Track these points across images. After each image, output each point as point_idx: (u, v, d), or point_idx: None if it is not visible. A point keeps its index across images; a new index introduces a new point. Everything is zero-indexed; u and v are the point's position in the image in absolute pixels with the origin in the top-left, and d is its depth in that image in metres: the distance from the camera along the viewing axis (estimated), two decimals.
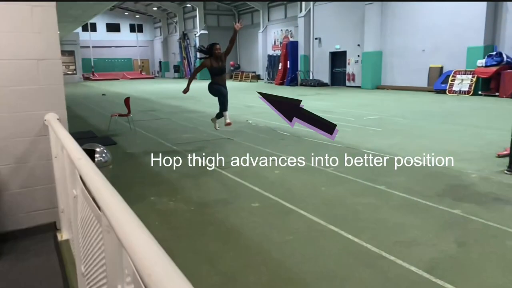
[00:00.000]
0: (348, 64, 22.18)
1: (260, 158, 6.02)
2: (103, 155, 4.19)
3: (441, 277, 2.66)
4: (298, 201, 4.19)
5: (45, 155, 3.32)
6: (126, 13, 44.01)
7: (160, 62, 46.52)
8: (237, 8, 36.30)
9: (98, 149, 4.20)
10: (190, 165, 5.88)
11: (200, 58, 7.63)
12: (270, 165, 5.72)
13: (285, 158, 6.05)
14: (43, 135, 3.31)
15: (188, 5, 37.15)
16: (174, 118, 11.01)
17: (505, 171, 5.01)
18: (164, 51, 45.25)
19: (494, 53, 14.89)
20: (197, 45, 35.88)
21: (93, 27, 42.37)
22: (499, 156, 5.66)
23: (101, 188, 1.25)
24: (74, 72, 38.92)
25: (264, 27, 31.17)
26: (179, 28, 40.43)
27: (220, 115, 6.73)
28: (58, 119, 3.20)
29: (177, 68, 41.72)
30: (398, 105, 13.16)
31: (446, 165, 5.49)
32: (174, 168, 5.67)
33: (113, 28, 44.55)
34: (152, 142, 7.69)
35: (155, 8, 42.06)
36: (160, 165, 5.89)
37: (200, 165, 5.84)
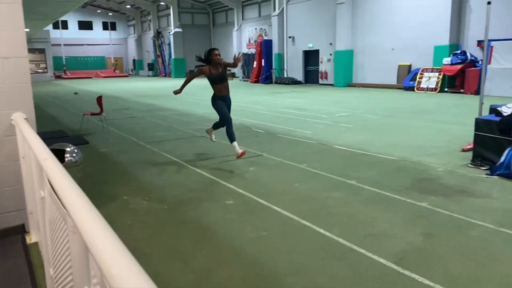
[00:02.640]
0: (321, 62, 22.47)
1: (235, 156, 6.04)
2: (74, 154, 4.13)
3: (409, 268, 2.76)
4: (272, 198, 4.25)
5: (13, 156, 3.24)
6: (98, 11, 43.03)
7: (134, 60, 45.74)
8: (211, 7, 36.12)
9: (68, 149, 4.13)
10: (164, 163, 5.84)
11: (197, 66, 7.54)
12: (245, 162, 5.76)
13: (260, 155, 6.10)
14: (10, 135, 3.23)
15: (162, 3, 36.68)
16: (148, 117, 10.88)
17: (469, 164, 5.23)
18: (138, 49, 44.52)
19: (459, 51, 15.42)
20: (171, 43, 35.51)
21: (65, 25, 41.23)
22: (464, 150, 5.90)
23: (66, 189, 1.25)
24: (45, 70, 37.77)
25: (238, 26, 31.14)
26: (153, 26, 39.88)
27: (217, 125, 5.97)
28: (25, 118, 3.13)
29: (151, 66, 41.15)
30: (369, 102, 13.44)
31: (414, 159, 5.67)
32: (148, 167, 5.63)
33: (85, 25, 43.49)
34: (125, 141, 7.58)
35: (128, 6, 41.31)
36: (134, 164, 5.83)
37: (174, 163, 5.81)
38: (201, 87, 23.17)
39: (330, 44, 21.42)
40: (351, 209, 3.93)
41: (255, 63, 25.90)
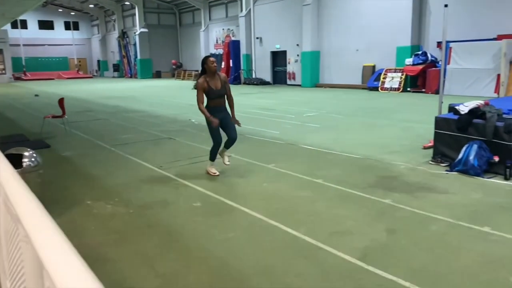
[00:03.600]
0: (289, 63, 22.69)
1: (203, 157, 6.00)
2: (32, 159, 3.97)
3: (373, 264, 2.83)
4: (240, 198, 4.25)
5: None
6: (60, 10, 41.57)
7: (98, 61, 44.52)
8: (178, 7, 35.70)
9: (26, 153, 3.97)
10: (129, 166, 5.72)
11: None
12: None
13: (228, 156, 6.07)
14: None
15: (127, 3, 35.88)
16: (113, 119, 10.61)
17: (430, 161, 5.43)
18: (103, 50, 43.37)
19: (420, 52, 15.98)
20: (137, 43, 34.82)
21: (24, 24, 39.58)
22: (425, 148, 6.11)
23: (18, 195, 1.19)
24: (3, 72, 36.06)
25: (205, 26, 30.95)
26: (118, 26, 38.95)
27: (213, 154, 5.18)
28: None
29: (116, 67, 40.18)
30: (335, 102, 13.69)
31: (378, 157, 5.83)
32: (112, 170, 5.50)
33: (46, 25, 41.93)
34: (89, 144, 7.36)
35: (91, 6, 40.16)
36: (98, 167, 5.68)
37: (140, 166, 5.70)
38: (168, 88, 22.92)
39: (297, 45, 21.66)
40: (318, 207, 3.98)
41: (223, 63, 25.82)
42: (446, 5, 6.59)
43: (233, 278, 2.75)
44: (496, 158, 4.74)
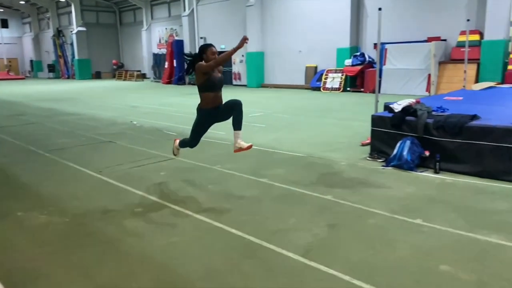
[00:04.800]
0: (234, 63, 22.72)
1: (145, 160, 5.84)
2: None
3: (315, 260, 2.89)
4: (184, 201, 4.17)
5: None
6: None
7: (31, 61, 41.74)
8: (117, 5, 34.46)
9: None
10: (66, 172, 5.42)
11: (190, 71, 4.43)
12: (156, 166, 5.58)
13: (172, 159, 5.96)
14: None
15: (62, 0, 33.96)
16: (48, 123, 9.99)
17: (368, 158, 5.68)
18: (36, 49, 40.71)
19: (358, 53, 16.72)
20: (74, 42, 33.09)
21: None
22: (363, 145, 6.39)
23: None
24: None
25: (148, 25, 30.15)
26: (53, 25, 36.76)
27: (184, 142, 4.73)
28: None
29: (52, 68, 37.92)
30: (280, 102, 13.93)
31: (320, 155, 6.00)
32: (47, 178, 5.17)
33: None
34: (21, 150, 6.87)
35: (22, 2, 37.49)
36: (30, 175, 5.32)
37: (77, 171, 5.41)
38: (108, 89, 22.03)
39: None
40: (262, 206, 4.02)
41: (166, 63, 25.30)
42: (380, 9, 6.93)
43: (177, 284, 2.68)
44: (427, 153, 5.06)
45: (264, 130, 8.34)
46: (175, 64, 24.82)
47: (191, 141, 4.56)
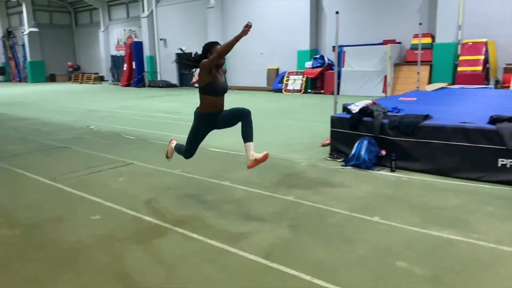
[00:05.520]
0: None
1: (103, 166, 5.65)
2: None
3: (276, 261, 2.91)
4: (143, 207, 4.07)
5: None
6: None
7: None
8: (72, 5, 33.24)
9: None
10: (17, 180, 5.14)
11: (189, 66, 4.18)
12: (114, 172, 5.41)
13: (131, 164, 5.81)
14: None
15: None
16: None
17: (327, 158, 5.80)
18: None
19: (318, 56, 17.06)
20: (26, 44, 31.55)
21: None
22: (323, 145, 6.51)
23: None
24: None
25: (105, 27, 29.30)
26: (2, 25, 34.84)
27: (179, 149, 4.40)
28: None
29: (1, 70, 35.91)
30: (242, 104, 13.71)
31: (282, 156, 6.05)
32: None
33: None
34: None
35: None
36: None
37: (29, 180, 5.15)
38: (63, 92, 21.17)
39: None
40: (224, 210, 3.99)
41: (125, 65, 24.68)
42: (337, 12, 7.10)
43: None
44: (384, 152, 5.23)
45: (226, 132, 8.25)
46: (134, 66, 24.27)
47: (187, 150, 4.15)
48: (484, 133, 4.55)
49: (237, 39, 3.54)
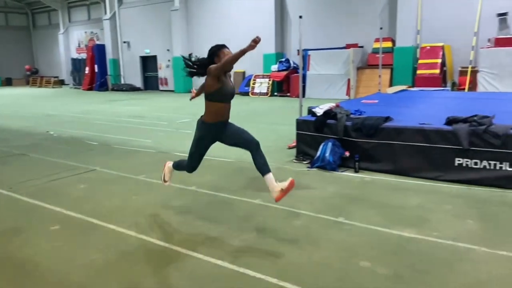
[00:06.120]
0: (160, 68, 22.21)
1: (63, 173, 5.44)
2: None
3: (244, 265, 2.89)
4: (106, 215, 3.94)
5: None
6: None
7: None
8: (30, 6, 31.92)
9: None
10: None
11: (195, 74, 3.81)
12: (75, 179, 5.22)
13: (93, 170, 5.63)
14: None
15: None
16: None
17: (294, 160, 5.86)
18: None
19: (283, 59, 17.25)
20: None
21: None
22: (289, 148, 6.58)
23: None
24: None
25: (65, 29, 28.34)
26: None
27: (180, 165, 4.03)
28: None
29: None
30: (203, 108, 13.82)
31: (249, 160, 6.02)
32: None
33: None
34: None
35: None
36: None
37: None
38: (20, 97, 20.24)
39: (168, 50, 21.34)
40: (190, 216, 3.94)
41: (87, 69, 23.97)
42: (300, 16, 7.21)
43: None
44: (347, 154, 5.34)
45: (192, 136, 8.19)
46: (96, 70, 23.61)
47: (190, 163, 3.78)
48: (442, 134, 4.74)
49: (243, 52, 3.26)
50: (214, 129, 3.57)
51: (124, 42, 23.51)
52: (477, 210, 3.87)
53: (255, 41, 3.18)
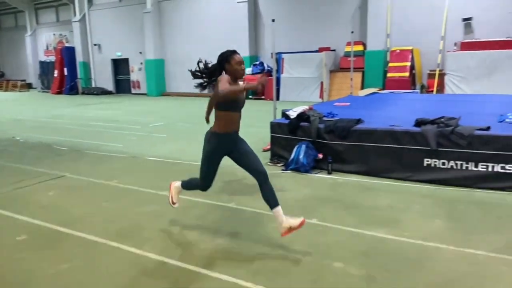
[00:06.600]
0: (132, 71, 21.83)
1: (30, 180, 5.25)
2: None
3: (218, 270, 2.88)
4: (76, 223, 3.83)
5: None
6: None
7: None
8: None
9: None
10: None
11: (205, 85, 3.51)
12: (43, 186, 5.05)
13: (62, 176, 5.46)
14: None
15: None
16: None
17: (268, 163, 5.87)
18: None
19: (257, 62, 17.29)
20: None
21: None
22: (264, 151, 6.58)
23: None
24: None
25: (32, 31, 27.44)
26: None
27: (191, 184, 3.68)
28: None
29: None
30: (182, 110, 13.74)
31: (223, 163, 6.00)
32: None
33: None
34: None
35: None
36: None
37: None
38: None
39: (140, 53, 21.02)
40: (164, 221, 3.87)
41: (56, 72, 23.30)
42: (273, 20, 7.25)
43: None
44: (321, 156, 5.40)
45: (165, 140, 8.12)
46: (66, 73, 22.97)
47: (204, 182, 3.47)
48: (411, 135, 4.86)
49: (244, 89, 3.10)
50: (227, 139, 3.31)
51: (95, 44, 22.99)
52: (445, 209, 3.99)
53: (262, 84, 2.97)
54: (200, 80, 3.46)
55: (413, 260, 2.97)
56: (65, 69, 23.01)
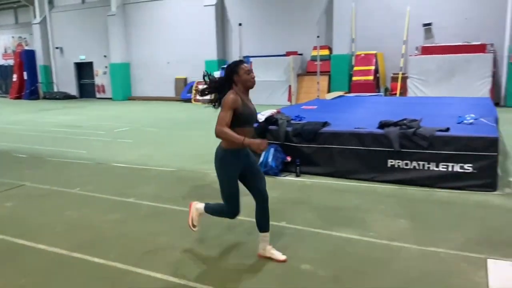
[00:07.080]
0: (96, 75, 21.27)
1: None
2: None
3: (184, 277, 2.83)
4: (35, 234, 3.66)
5: None
6: None
7: None
8: None
9: None
10: None
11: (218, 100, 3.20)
12: (0, 197, 4.81)
13: (21, 185, 5.22)
14: None
15: None
16: None
17: None
18: None
19: (225, 66, 17.25)
20: None
21: None
22: None
23: None
24: None
25: None
26: None
27: (216, 210, 3.35)
28: None
29: None
30: (149, 115, 13.49)
31: (192, 168, 5.95)
32: None
33: None
34: None
35: None
36: None
37: None
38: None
39: (105, 56, 20.52)
40: (129, 229, 3.78)
41: (14, 76, 22.34)
42: (240, 24, 7.26)
43: None
44: (289, 158, 5.43)
45: (131, 145, 7.93)
46: (25, 77, 22.06)
47: (231, 208, 3.19)
48: (375, 137, 4.98)
49: (242, 143, 2.90)
50: (242, 155, 3.11)
51: (57, 47, 22.24)
52: (408, 209, 4.10)
53: (260, 149, 2.89)
54: (209, 97, 3.32)
55: (379, 260, 3.03)
56: (25, 73, 22.10)
